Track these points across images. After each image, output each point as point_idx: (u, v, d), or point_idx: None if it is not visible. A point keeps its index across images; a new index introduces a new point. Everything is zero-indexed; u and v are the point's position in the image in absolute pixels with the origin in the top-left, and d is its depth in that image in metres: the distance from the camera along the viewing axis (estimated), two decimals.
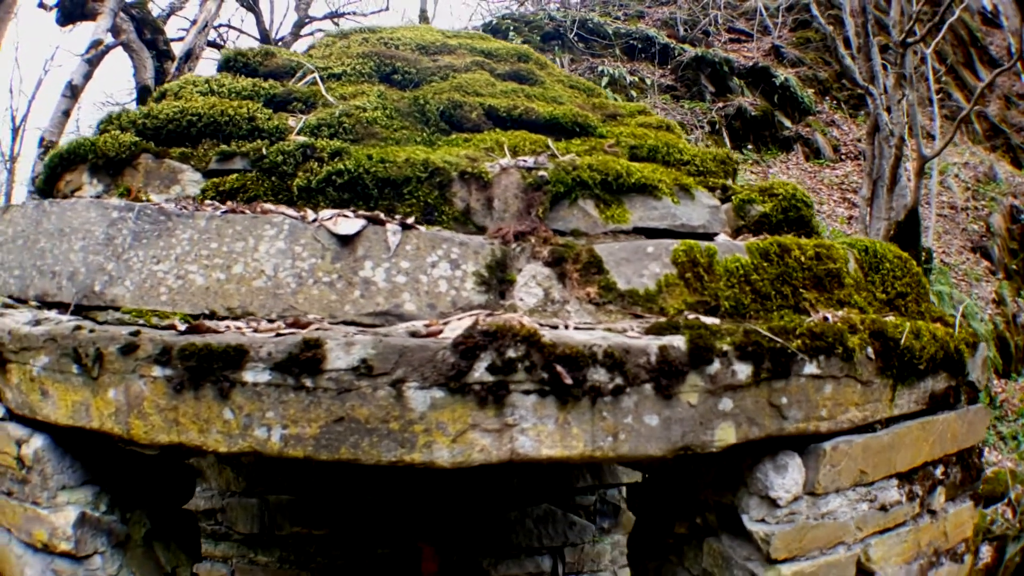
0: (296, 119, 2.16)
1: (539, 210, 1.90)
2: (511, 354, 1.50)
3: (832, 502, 1.80)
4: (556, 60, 7.69)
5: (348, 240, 1.75)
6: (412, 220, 1.80)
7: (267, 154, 2.00)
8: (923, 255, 4.04)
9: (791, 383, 1.70)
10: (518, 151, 2.11)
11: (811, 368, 1.71)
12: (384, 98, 2.23)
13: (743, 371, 1.65)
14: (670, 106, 8.11)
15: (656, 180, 1.98)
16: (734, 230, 2.02)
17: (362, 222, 1.76)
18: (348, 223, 1.75)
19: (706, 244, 1.85)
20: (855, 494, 1.83)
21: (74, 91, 4.83)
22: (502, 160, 2.01)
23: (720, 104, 8.32)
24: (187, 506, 2.43)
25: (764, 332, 1.67)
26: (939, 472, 1.96)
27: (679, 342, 1.60)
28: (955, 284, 5.64)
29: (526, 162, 1.98)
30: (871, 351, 1.77)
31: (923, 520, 1.96)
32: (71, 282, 1.87)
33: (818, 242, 1.92)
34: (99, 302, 1.81)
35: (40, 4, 5.50)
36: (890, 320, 1.84)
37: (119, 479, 1.93)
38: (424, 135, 2.18)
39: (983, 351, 1.99)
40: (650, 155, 2.14)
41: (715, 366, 1.62)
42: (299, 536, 3.18)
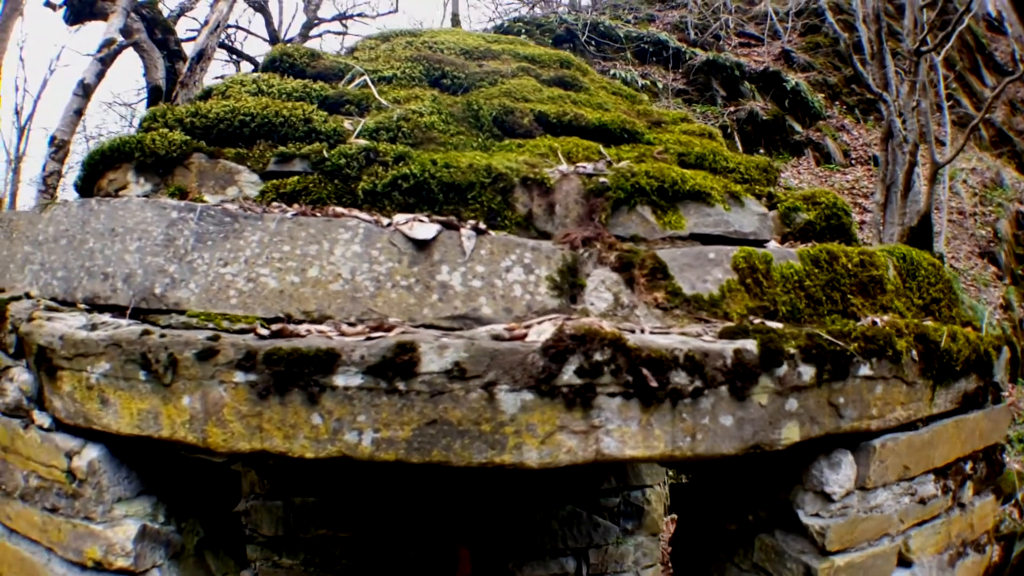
0: (351, 122, 2.16)
1: (601, 216, 1.95)
2: (598, 357, 1.55)
3: (879, 496, 1.91)
4: None
5: (424, 244, 1.76)
6: (483, 225, 1.83)
7: (329, 157, 1.99)
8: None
9: (847, 384, 1.80)
10: (572, 157, 2.16)
11: (865, 370, 1.81)
12: (438, 103, 2.25)
13: (807, 373, 1.74)
14: (682, 110, 8.20)
15: (709, 187, 2.06)
16: (781, 237, 2.12)
17: (437, 227, 1.78)
18: (424, 228, 1.76)
19: (762, 251, 1.94)
20: (899, 488, 1.94)
21: (86, 90, 4.66)
22: (561, 166, 2.05)
23: (732, 108, 8.37)
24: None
25: (824, 336, 1.76)
26: (968, 467, 2.10)
27: (751, 345, 1.68)
28: (964, 289, 5.89)
29: (585, 168, 2.03)
30: (915, 354, 1.89)
31: (954, 513, 2.09)
32: (127, 284, 1.82)
33: (862, 249, 2.04)
34: (160, 305, 1.77)
35: (47, 3, 5.26)
36: (929, 324, 1.96)
37: (174, 487, 1.89)
38: (479, 140, 2.20)
39: (1006, 354, 2.15)
40: (698, 162, 2.22)
41: (783, 368, 1.70)
42: (324, 538, 3.13)
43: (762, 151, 8.18)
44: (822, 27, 9.94)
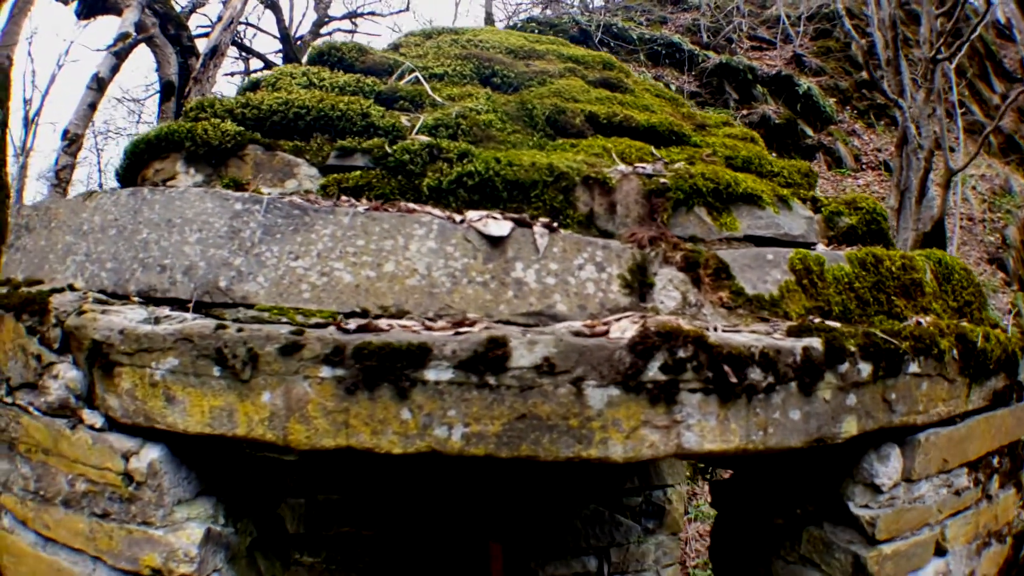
0: (408, 118, 2.14)
1: (663, 216, 1.99)
2: (681, 354, 1.58)
3: (922, 487, 2.01)
4: None
5: (498, 241, 1.77)
6: (555, 224, 1.85)
7: (391, 152, 1.97)
8: None
9: (899, 380, 1.89)
10: (626, 157, 2.20)
11: (913, 367, 1.91)
12: (492, 101, 2.25)
13: (865, 369, 1.81)
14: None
15: (760, 190, 2.13)
16: (826, 240, 2.21)
17: (510, 224, 1.79)
18: (498, 225, 1.77)
19: (815, 253, 2.02)
20: (938, 480, 2.04)
21: (100, 84, 4.49)
22: (620, 166, 2.09)
23: (744, 111, 8.34)
24: None
25: (879, 334, 1.84)
26: (995, 461, 2.22)
27: (817, 343, 1.74)
28: None
29: (644, 169, 2.07)
30: (955, 352, 1.99)
31: (983, 504, 2.21)
32: (187, 277, 1.76)
33: (903, 253, 2.14)
34: (225, 299, 1.72)
35: None
36: (966, 325, 2.08)
37: (231, 487, 1.83)
38: (534, 139, 2.22)
39: None
40: (745, 165, 2.29)
41: (845, 365, 1.77)
42: (347, 536, 3.08)
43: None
44: (833, 31, 9.93)
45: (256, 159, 2.01)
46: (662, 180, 2.02)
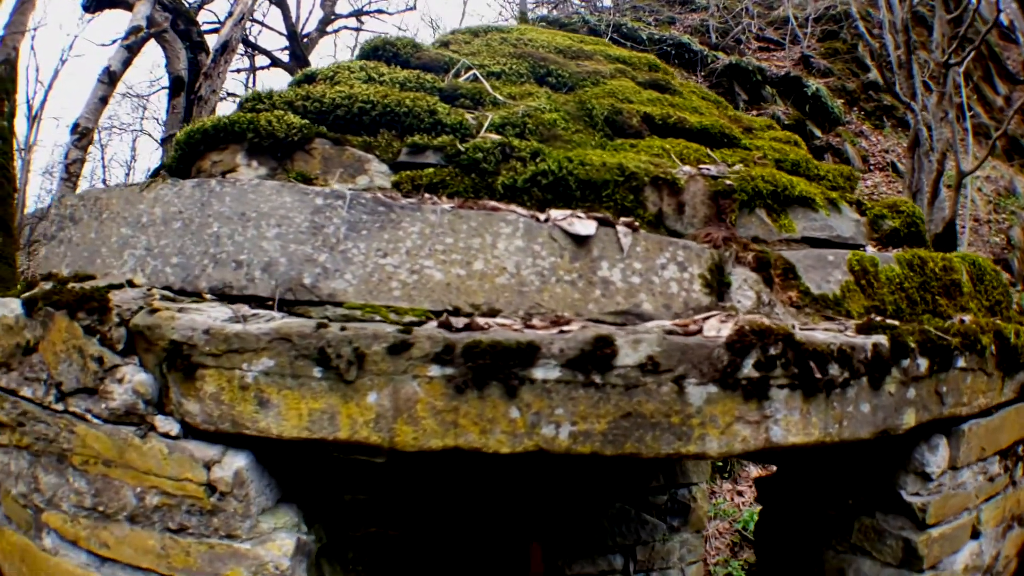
0: (472, 115, 2.12)
1: (731, 217, 2.05)
2: (772, 352, 1.64)
3: (964, 475, 2.13)
4: None
5: (583, 240, 1.78)
6: (636, 223, 1.87)
7: (464, 150, 1.95)
8: None
9: (949, 374, 2.00)
10: (685, 158, 2.24)
11: (960, 362, 2.03)
12: (552, 100, 2.26)
13: (923, 365, 1.92)
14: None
15: (813, 193, 2.22)
16: (872, 242, 2.31)
17: (594, 223, 1.80)
18: (584, 224, 1.78)
19: (868, 254, 2.11)
20: (976, 468, 2.18)
21: (112, 77, 4.24)
22: (684, 167, 2.13)
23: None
24: None
25: (933, 331, 1.95)
26: (1021, 450, 2.39)
27: (883, 340, 1.83)
28: None
29: (709, 170, 2.12)
30: (993, 348, 2.13)
31: (1010, 489, 2.36)
32: (267, 274, 1.70)
33: (943, 255, 2.27)
34: (310, 296, 1.67)
35: None
36: (1000, 323, 2.22)
37: (309, 492, 1.77)
38: (595, 139, 2.24)
39: None
40: (794, 169, 2.37)
41: (907, 361, 1.87)
42: (373, 536, 3.02)
43: None
44: (840, 33, 9.98)
45: (324, 153, 1.95)
46: (727, 182, 2.08)
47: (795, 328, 1.80)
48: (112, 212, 1.91)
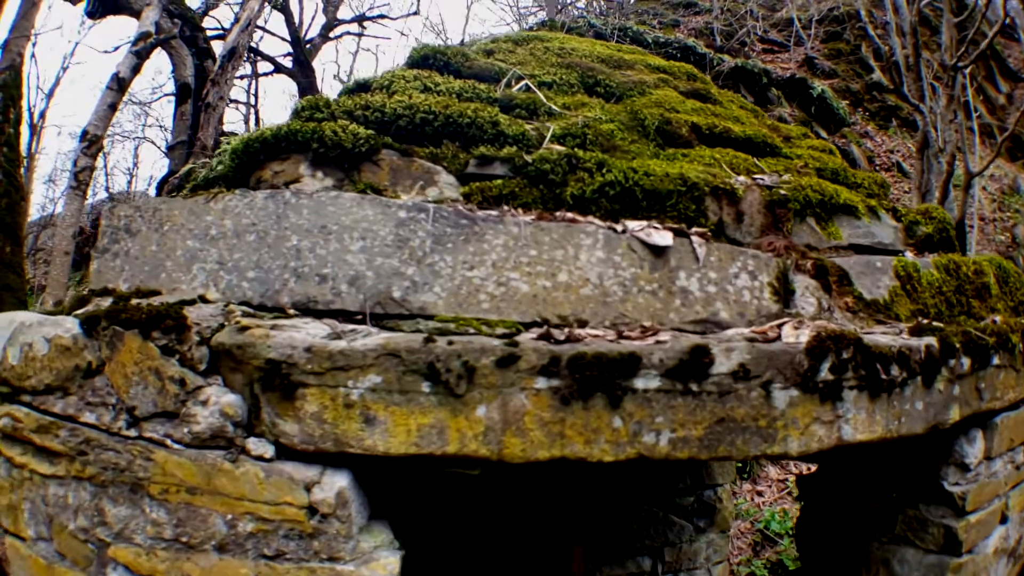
0: (532, 126, 2.14)
1: (787, 226, 2.13)
2: (844, 355, 1.72)
3: (996, 464, 2.28)
4: None
5: (661, 251, 1.83)
6: (710, 233, 1.93)
7: (531, 161, 1.98)
8: None
9: (987, 371, 2.14)
10: (735, 168, 2.31)
11: (996, 359, 2.17)
12: (607, 111, 2.30)
13: (966, 363, 2.04)
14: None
15: (855, 201, 2.32)
16: (910, 248, 2.44)
17: (671, 233, 1.85)
18: (661, 235, 1.83)
19: (910, 260, 2.23)
20: (1007, 457, 2.33)
21: (121, 84, 4.05)
22: (739, 177, 2.20)
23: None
24: None
25: (974, 332, 2.08)
26: None
27: (934, 341, 1.95)
28: None
29: (763, 180, 2.20)
30: (1022, 346, 2.28)
31: None
32: (354, 287, 1.69)
33: (973, 259, 2.41)
34: (400, 310, 1.67)
35: None
36: None
37: (395, 508, 1.77)
38: (650, 149, 2.29)
39: None
40: (833, 177, 2.48)
41: (953, 360, 1.99)
42: (428, 539, 3.02)
43: None
44: (843, 34, 10.02)
45: (392, 164, 1.94)
46: (782, 192, 2.16)
47: (861, 332, 1.89)
48: (175, 224, 1.85)
